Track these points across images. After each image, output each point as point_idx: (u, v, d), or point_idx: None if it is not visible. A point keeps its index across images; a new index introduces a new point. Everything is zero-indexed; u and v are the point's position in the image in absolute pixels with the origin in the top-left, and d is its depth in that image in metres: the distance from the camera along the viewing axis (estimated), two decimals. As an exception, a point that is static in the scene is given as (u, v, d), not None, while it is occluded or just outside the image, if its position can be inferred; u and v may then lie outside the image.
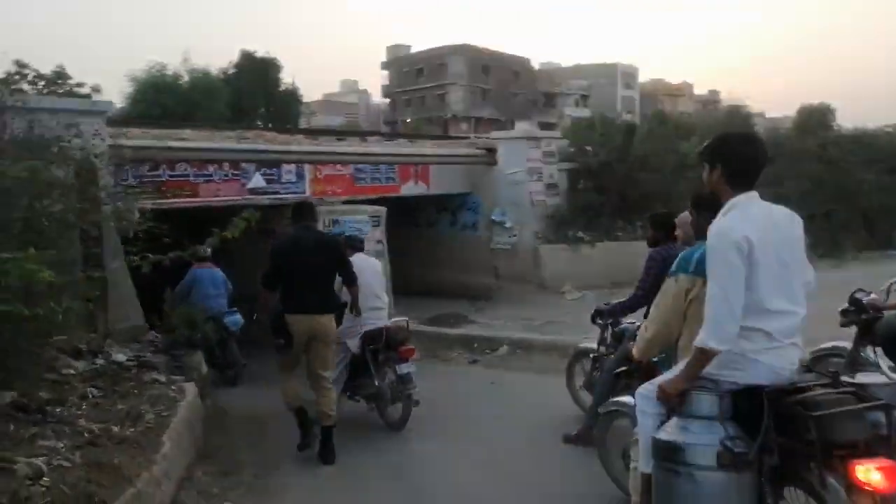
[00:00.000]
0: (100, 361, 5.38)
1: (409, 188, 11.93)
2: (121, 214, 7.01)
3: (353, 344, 5.64)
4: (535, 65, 66.08)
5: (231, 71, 41.51)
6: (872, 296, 4.48)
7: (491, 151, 12.90)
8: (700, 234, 2.90)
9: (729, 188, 2.65)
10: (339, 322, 5.15)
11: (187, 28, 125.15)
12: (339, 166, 10.82)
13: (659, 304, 2.94)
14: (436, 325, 10.29)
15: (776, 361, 2.56)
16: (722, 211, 2.65)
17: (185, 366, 5.70)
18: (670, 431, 2.58)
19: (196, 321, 6.15)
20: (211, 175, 9.26)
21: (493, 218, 12.76)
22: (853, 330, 4.51)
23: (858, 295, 4.50)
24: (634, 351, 3.14)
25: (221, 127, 11.84)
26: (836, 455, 2.31)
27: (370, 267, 5.99)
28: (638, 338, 3.14)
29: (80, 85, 9.73)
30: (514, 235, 12.55)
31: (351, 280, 5.21)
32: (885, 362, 4.18)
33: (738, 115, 22.33)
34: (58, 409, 4.05)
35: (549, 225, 12.66)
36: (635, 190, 12.87)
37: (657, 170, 13.39)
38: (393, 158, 11.49)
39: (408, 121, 55.73)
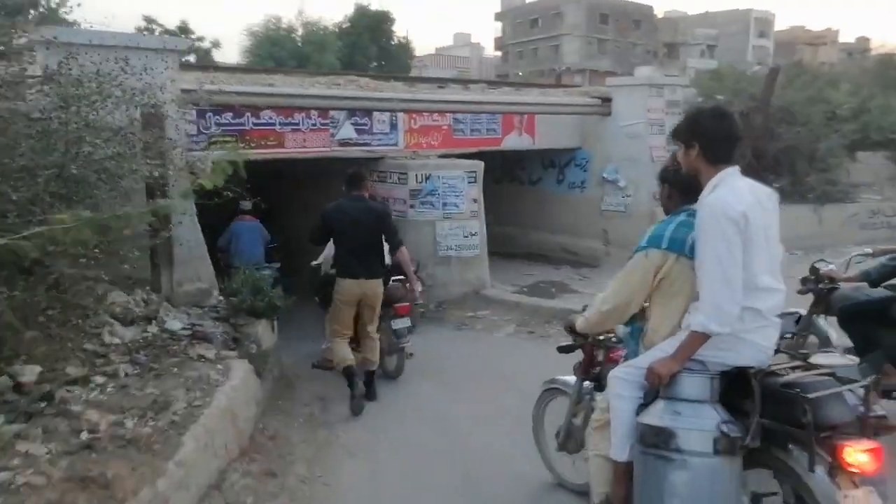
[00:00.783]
0: (152, 330, 4.83)
1: (513, 141, 10.84)
2: (193, 166, 6.46)
3: None
4: (659, 13, 61.98)
5: (345, 25, 41.78)
6: (831, 266, 4.56)
7: (606, 101, 11.52)
8: (670, 209, 2.83)
9: (709, 165, 2.57)
10: (385, 285, 5.56)
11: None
12: (436, 115, 9.89)
13: (622, 278, 2.77)
14: (535, 295, 9.29)
15: (763, 340, 2.52)
16: (708, 186, 2.56)
17: (242, 337, 5.04)
18: (660, 416, 2.45)
19: (262, 286, 5.47)
20: (298, 124, 8.60)
21: (604, 176, 11.46)
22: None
23: (818, 264, 4.54)
24: (581, 323, 3.03)
25: (315, 74, 11.16)
26: (821, 437, 2.28)
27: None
28: (590, 310, 2.95)
29: (200, 39, 9.41)
30: (629, 196, 11.22)
31: (395, 245, 5.60)
32: (834, 331, 4.44)
33: (892, 65, 19.35)
34: (72, 392, 3.44)
35: (669, 185, 11.21)
36: (774, 144, 11.11)
37: (803, 122, 11.53)
38: (495, 107, 10.40)
39: (519, 74, 53.88)
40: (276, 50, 35.22)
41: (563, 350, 3.48)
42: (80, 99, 4.88)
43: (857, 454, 2.24)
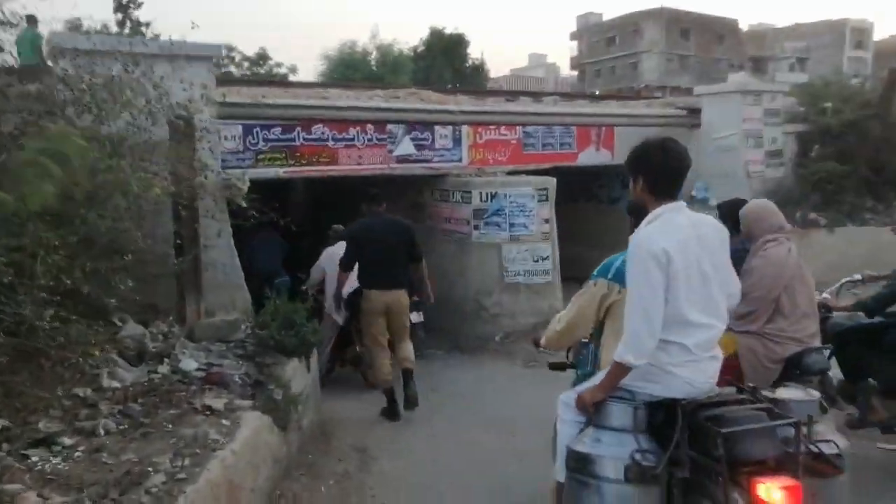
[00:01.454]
0: (163, 370, 4.15)
1: (589, 156, 9.87)
2: (229, 183, 5.86)
3: (340, 317, 6.39)
4: (744, 27, 59.40)
5: (420, 48, 41.96)
6: (825, 295, 4.36)
7: (693, 112, 10.41)
8: None
9: (652, 197, 2.59)
10: (410, 296, 5.87)
11: (377, 4, 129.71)
12: (504, 129, 9.06)
13: (573, 301, 2.97)
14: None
15: (693, 375, 2.54)
16: (645, 220, 2.60)
17: (267, 379, 4.30)
18: (584, 442, 2.54)
19: (294, 320, 4.73)
20: (352, 139, 7.95)
21: (693, 194, 10.27)
22: None
23: None
24: (542, 340, 3.20)
25: (374, 87, 10.56)
26: (742, 472, 2.26)
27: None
28: (548, 327, 3.16)
29: (279, 65, 9.05)
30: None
31: (417, 257, 5.93)
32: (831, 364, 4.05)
33: None
34: (28, 459, 2.75)
35: (768, 203, 9.96)
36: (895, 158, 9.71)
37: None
38: (571, 118, 9.47)
39: (596, 93, 52.56)
40: (350, 73, 35.43)
41: (554, 367, 3.49)
42: (90, 107, 4.33)
43: (770, 491, 2.18)
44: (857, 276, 4.69)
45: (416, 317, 6.33)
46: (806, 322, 3.79)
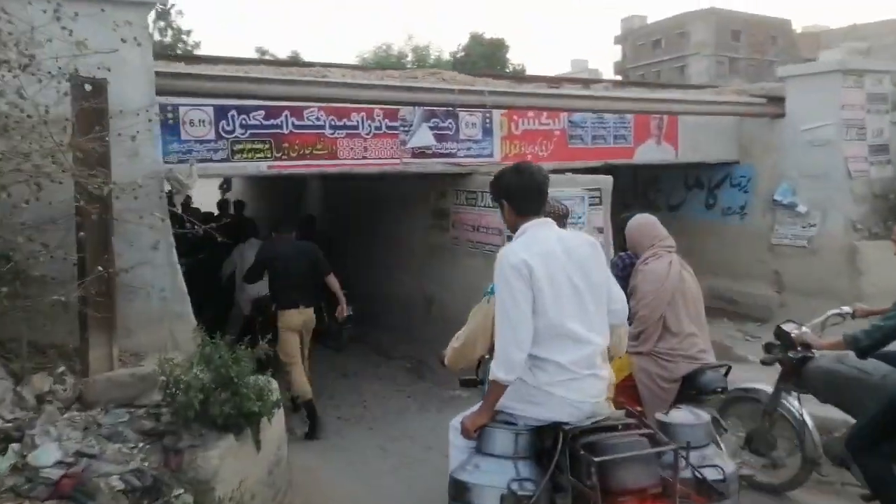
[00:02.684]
0: (1, 464, 2.60)
1: (648, 151, 8.12)
2: (171, 176, 4.33)
3: (246, 307, 7.04)
4: (797, 28, 56.57)
5: (459, 54, 40.81)
6: (804, 330, 3.86)
7: (774, 101, 8.57)
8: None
9: (519, 217, 2.66)
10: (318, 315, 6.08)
11: (414, 8, 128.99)
12: (545, 116, 7.39)
13: (469, 319, 2.97)
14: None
15: (572, 395, 2.45)
16: (513, 238, 2.67)
17: (171, 482, 2.71)
18: (465, 469, 2.46)
19: (230, 375, 3.15)
20: (356, 127, 6.37)
21: (775, 198, 8.46)
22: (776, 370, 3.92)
23: (787, 327, 3.88)
24: (446, 358, 3.12)
25: (387, 68, 9.02)
26: (618, 500, 2.19)
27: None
28: (449, 344, 3.09)
29: (310, 64, 7.66)
30: (813, 225, 8.14)
31: (326, 272, 6.02)
32: (807, 412, 3.78)
33: None
34: None
35: (874, 209, 8.04)
36: None
37: None
38: (628, 104, 7.74)
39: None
40: (384, 76, 34.22)
41: (465, 384, 3.39)
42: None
43: None
44: (846, 309, 4.10)
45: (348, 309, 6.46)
46: (693, 339, 3.64)
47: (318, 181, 10.76)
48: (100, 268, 3.39)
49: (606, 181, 6.53)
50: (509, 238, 6.85)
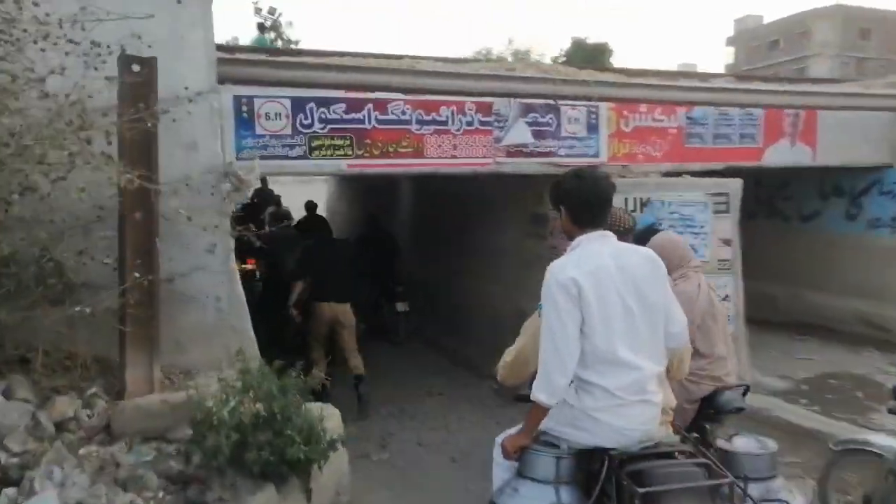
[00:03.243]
0: (-14, 511, 2.11)
1: (780, 153, 7.04)
2: (234, 175, 3.86)
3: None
4: (938, 24, 51.53)
5: (561, 59, 40.03)
6: None
7: (936, 94, 7.26)
8: None
9: (576, 227, 2.48)
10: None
11: (516, 16, 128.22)
12: (659, 111, 6.50)
13: (524, 331, 2.75)
14: (831, 406, 5.40)
15: (620, 421, 2.29)
16: (567, 251, 2.49)
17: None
18: (503, 492, 2.38)
19: (273, 411, 2.57)
20: (445, 122, 5.75)
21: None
22: None
23: None
24: (498, 374, 2.87)
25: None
26: None
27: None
28: (501, 359, 2.84)
29: (399, 57, 7.29)
30: None
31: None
32: None
33: None
34: None
35: None
36: None
37: None
38: (756, 97, 6.72)
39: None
40: (484, 82, 33.84)
41: (519, 399, 2.68)
42: None
43: None
44: None
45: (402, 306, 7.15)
46: (723, 362, 3.47)
47: (409, 182, 10.26)
48: (136, 274, 2.86)
49: (735, 185, 5.59)
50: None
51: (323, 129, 5.35)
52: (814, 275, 8.36)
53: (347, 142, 5.45)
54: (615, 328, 2.30)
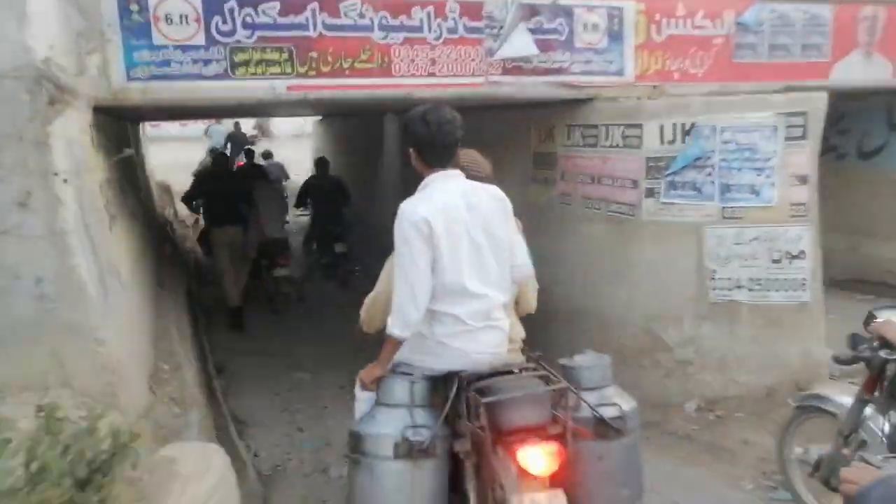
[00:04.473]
0: None
1: (851, 68, 5.51)
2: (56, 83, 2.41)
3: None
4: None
5: None
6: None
7: None
8: None
9: (426, 167, 2.52)
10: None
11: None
12: (700, 16, 5.00)
13: (380, 278, 2.72)
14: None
15: (470, 346, 2.45)
16: (418, 189, 2.53)
17: None
18: (359, 421, 2.46)
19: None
20: (418, 28, 4.28)
21: None
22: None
23: (879, 313, 2.68)
24: (361, 321, 2.81)
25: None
26: (510, 440, 2.21)
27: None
28: (363, 307, 2.80)
29: None
30: None
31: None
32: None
33: None
34: None
35: None
36: None
37: None
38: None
39: None
40: None
41: None
42: None
43: (529, 457, 2.15)
44: None
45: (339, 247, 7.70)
46: None
47: (393, 121, 8.79)
48: None
49: (817, 102, 4.13)
50: (653, 193, 4.65)
51: (250, 37, 3.92)
52: (877, 223, 6.93)
53: (285, 55, 4.01)
54: (464, 261, 2.40)
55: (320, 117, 13.79)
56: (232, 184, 6.99)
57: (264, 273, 7.23)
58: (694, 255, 4.16)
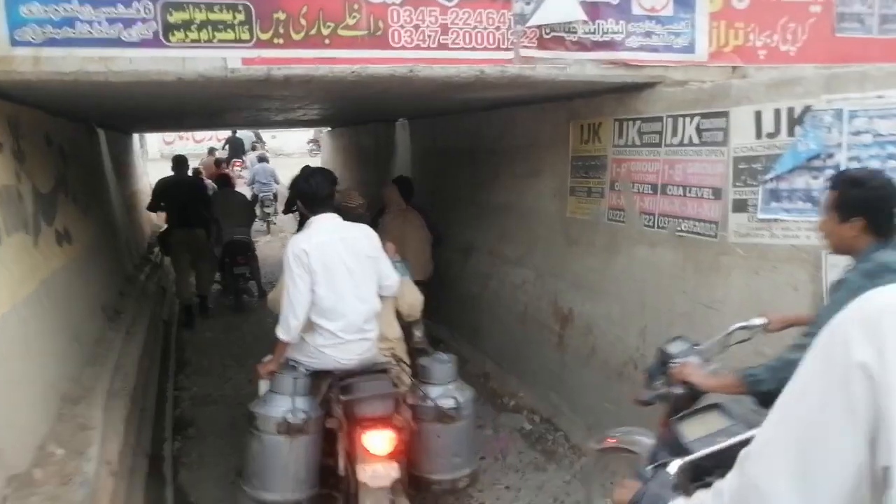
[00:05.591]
0: None
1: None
2: None
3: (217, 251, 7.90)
4: None
5: None
6: (689, 358, 2.54)
7: None
8: None
9: (310, 211, 3.24)
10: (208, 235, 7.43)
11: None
12: (793, -24, 3.84)
13: (279, 280, 3.43)
14: None
15: (340, 354, 3.13)
16: (304, 228, 3.32)
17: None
18: (256, 403, 3.07)
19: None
20: (426, -14, 3.17)
21: None
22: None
23: (672, 348, 2.63)
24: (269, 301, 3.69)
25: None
26: (363, 426, 2.92)
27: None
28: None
29: None
30: None
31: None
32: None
33: None
34: None
35: None
36: None
37: None
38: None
39: None
40: None
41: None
42: None
43: (369, 439, 2.88)
44: (757, 322, 2.66)
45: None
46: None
47: (406, 130, 7.71)
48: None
49: None
50: (745, 206, 3.49)
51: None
52: None
53: (240, 16, 2.92)
54: (338, 284, 3.08)
55: (329, 129, 12.78)
56: (190, 191, 7.34)
57: (227, 270, 7.87)
58: (807, 290, 2.96)
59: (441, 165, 6.70)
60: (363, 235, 3.20)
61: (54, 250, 3.69)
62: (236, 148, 17.24)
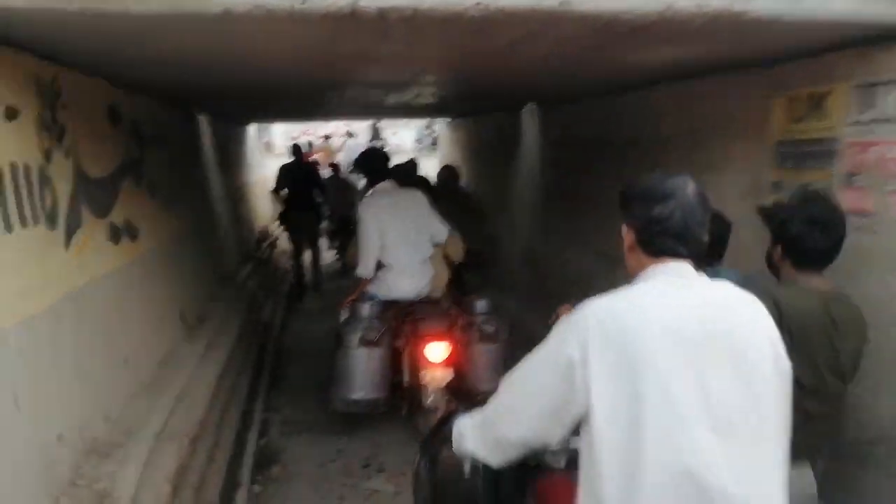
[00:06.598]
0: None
1: None
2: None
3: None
4: None
5: None
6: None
7: None
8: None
9: (370, 180, 4.51)
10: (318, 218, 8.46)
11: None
12: None
13: (356, 239, 4.38)
14: None
15: (403, 285, 4.13)
16: (369, 194, 4.40)
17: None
18: (341, 324, 3.98)
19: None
20: None
21: None
22: None
23: None
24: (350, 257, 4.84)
25: None
26: (422, 340, 3.79)
27: None
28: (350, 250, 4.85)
29: None
30: None
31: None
32: None
33: None
34: None
35: None
36: None
37: None
38: None
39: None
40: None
41: None
42: None
43: (429, 350, 3.75)
44: None
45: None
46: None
47: (534, 117, 6.68)
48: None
49: None
50: None
51: None
52: None
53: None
54: (399, 234, 4.10)
55: (448, 119, 11.93)
56: (305, 175, 8.02)
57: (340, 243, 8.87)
58: None
59: (577, 159, 5.61)
60: (415, 196, 4.31)
61: (105, 249, 2.97)
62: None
